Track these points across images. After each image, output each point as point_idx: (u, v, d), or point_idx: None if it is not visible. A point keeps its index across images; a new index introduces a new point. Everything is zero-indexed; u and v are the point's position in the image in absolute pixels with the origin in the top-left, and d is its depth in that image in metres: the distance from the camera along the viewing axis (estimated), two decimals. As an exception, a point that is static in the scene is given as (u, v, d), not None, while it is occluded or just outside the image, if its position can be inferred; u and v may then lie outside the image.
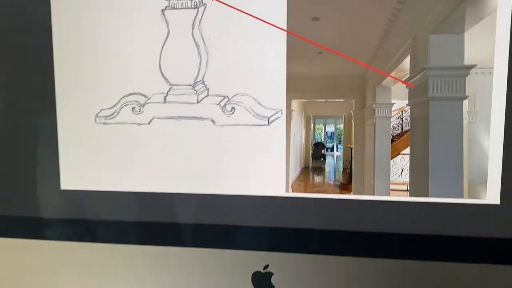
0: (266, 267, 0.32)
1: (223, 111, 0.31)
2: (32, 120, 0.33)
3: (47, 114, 0.33)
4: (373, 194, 0.30)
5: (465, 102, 0.29)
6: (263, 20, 0.30)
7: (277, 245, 0.32)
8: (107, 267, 0.34)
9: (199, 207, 0.32)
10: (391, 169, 0.30)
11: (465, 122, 0.29)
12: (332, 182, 0.31)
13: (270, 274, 0.32)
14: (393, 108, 0.30)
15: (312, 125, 0.31)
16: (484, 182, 0.29)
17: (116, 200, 0.33)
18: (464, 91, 0.29)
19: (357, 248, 0.31)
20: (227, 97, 0.31)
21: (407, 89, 0.29)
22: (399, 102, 0.30)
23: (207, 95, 0.31)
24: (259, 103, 0.31)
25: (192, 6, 0.31)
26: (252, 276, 0.32)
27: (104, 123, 0.32)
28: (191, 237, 0.33)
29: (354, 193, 0.30)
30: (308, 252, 0.31)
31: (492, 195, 0.29)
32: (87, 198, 0.33)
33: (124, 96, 0.32)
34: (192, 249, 0.33)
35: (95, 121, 0.33)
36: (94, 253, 0.34)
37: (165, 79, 0.32)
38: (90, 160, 0.33)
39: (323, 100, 0.30)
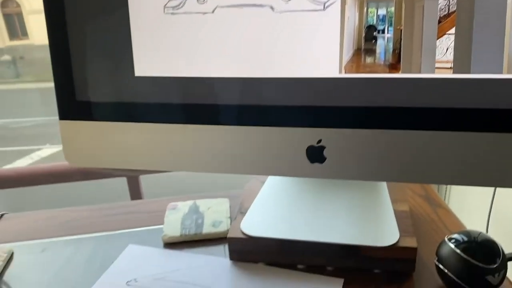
0: (319, 141, 0.36)
1: (281, -2, 0.34)
2: (106, 11, 0.37)
3: (119, 6, 0.36)
4: (420, 72, 0.33)
5: (511, -19, 0.31)
6: None
7: (329, 122, 0.36)
8: (175, 142, 0.39)
9: (259, 90, 0.36)
10: (437, 49, 0.33)
11: (509, 1, 0.31)
12: (382, 63, 0.34)
13: (322, 148, 0.37)
14: (442, -10, 0.32)
15: (365, 8, 0.33)
16: (523, 59, 0.32)
17: (185, 84, 0.37)
18: (511, -29, 0.31)
19: (405, 122, 0.34)
20: (286, -16, 0.33)
21: (457, -29, 0.31)
22: (448, -16, 0.32)
23: (267, -17, 0.34)
24: (316, -11, 0.33)
25: None
26: (306, 149, 0.37)
27: (172, 13, 0.35)
28: (252, 117, 0.37)
29: (403, 72, 0.34)
30: (358, 127, 0.35)
31: (529, 71, 0.32)
32: (158, 83, 0.37)
33: (190, -14, 0.35)
34: (251, 128, 0.37)
35: (164, 11, 0.36)
36: (163, 130, 0.39)
37: (228, -32, 0.34)
38: (160, 49, 0.36)
39: (377, -17, 0.33)
